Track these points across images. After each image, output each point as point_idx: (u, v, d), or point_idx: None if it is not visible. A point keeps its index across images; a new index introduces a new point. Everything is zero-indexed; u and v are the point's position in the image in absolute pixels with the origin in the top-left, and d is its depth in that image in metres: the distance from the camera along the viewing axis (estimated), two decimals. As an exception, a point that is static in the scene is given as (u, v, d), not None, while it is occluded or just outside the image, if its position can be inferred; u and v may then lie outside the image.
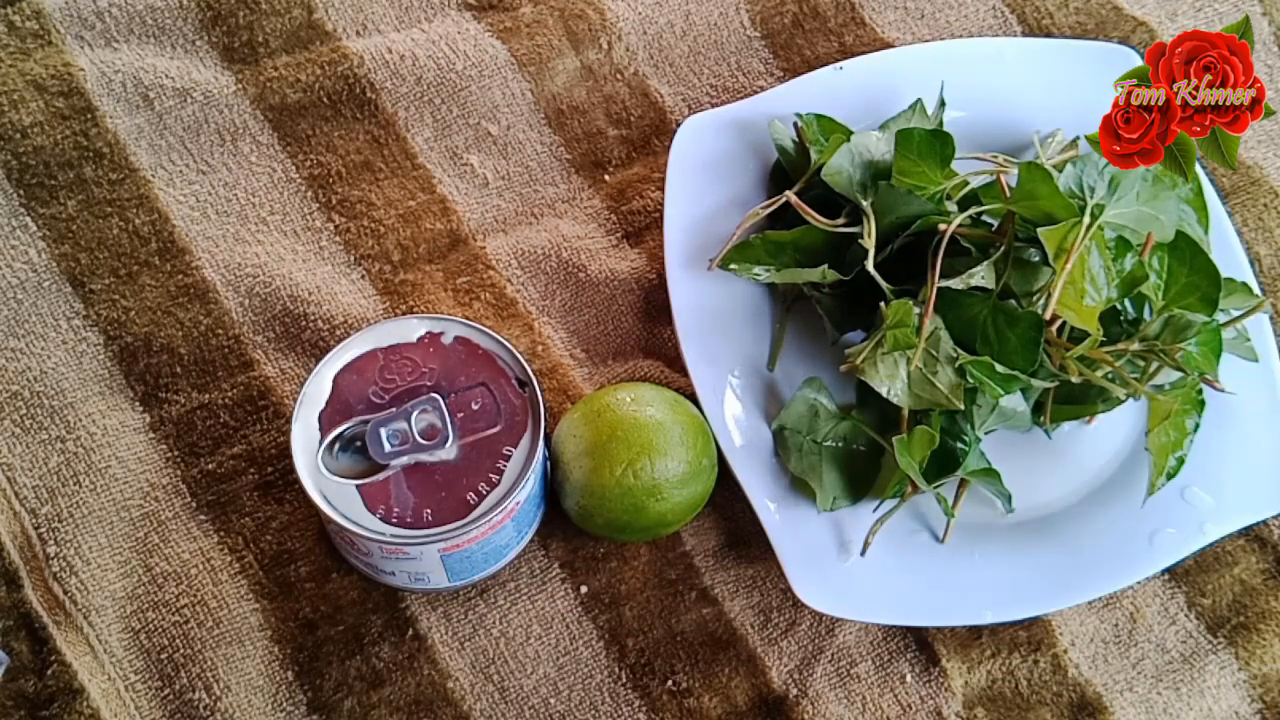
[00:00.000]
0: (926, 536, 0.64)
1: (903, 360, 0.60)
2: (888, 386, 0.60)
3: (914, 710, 0.63)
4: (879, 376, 0.60)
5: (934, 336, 0.60)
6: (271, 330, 0.68)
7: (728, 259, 0.66)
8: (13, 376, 0.65)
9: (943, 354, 0.60)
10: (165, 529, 0.63)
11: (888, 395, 0.60)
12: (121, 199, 0.70)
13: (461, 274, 0.70)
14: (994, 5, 0.79)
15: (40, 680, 0.59)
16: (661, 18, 0.77)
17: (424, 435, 0.57)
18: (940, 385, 0.60)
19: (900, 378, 0.60)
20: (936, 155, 0.62)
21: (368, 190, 0.72)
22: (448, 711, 0.61)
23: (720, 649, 0.63)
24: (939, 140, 0.62)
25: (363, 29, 0.75)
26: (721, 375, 0.65)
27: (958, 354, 0.60)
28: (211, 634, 0.61)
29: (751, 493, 0.62)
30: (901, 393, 0.60)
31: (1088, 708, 0.63)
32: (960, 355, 0.60)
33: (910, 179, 0.62)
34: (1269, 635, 0.65)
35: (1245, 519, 0.65)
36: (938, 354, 0.60)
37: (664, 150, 0.73)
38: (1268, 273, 0.73)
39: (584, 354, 0.69)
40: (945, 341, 0.60)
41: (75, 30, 0.73)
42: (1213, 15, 0.81)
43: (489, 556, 0.60)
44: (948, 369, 0.60)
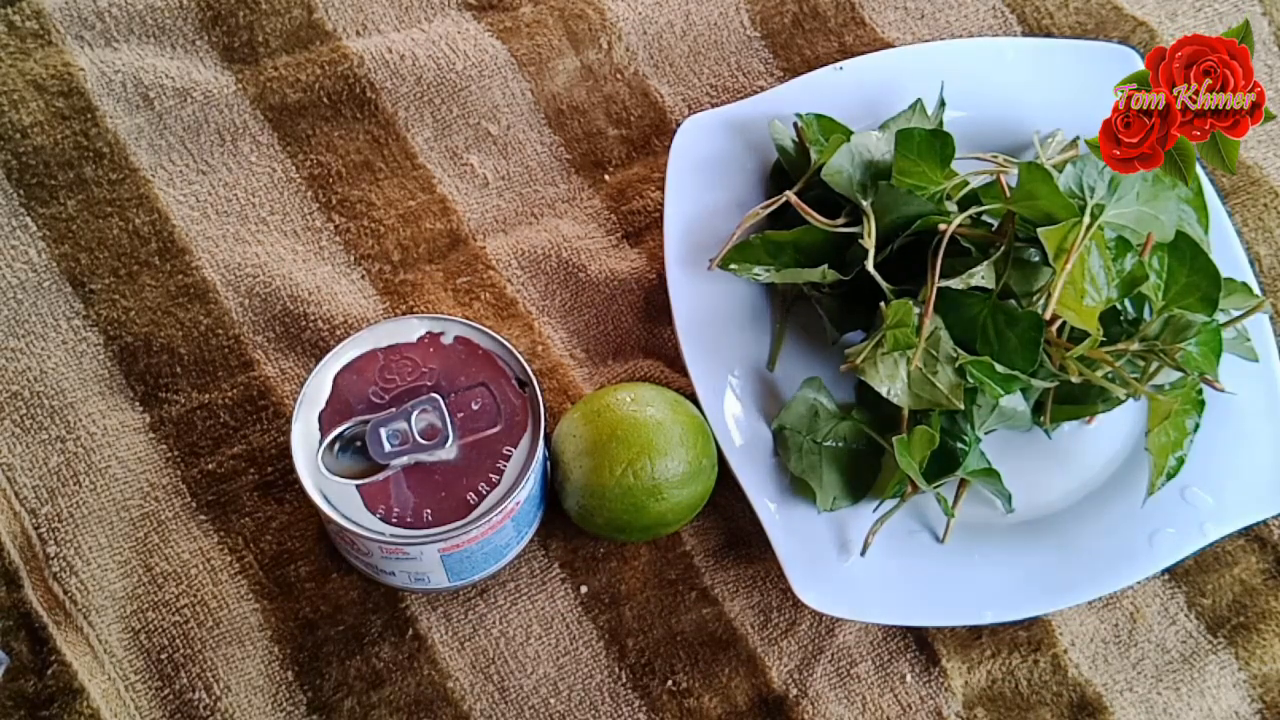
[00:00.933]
0: (926, 536, 0.64)
1: (902, 360, 0.60)
2: (888, 386, 0.60)
3: (914, 710, 0.63)
4: (879, 376, 0.60)
5: (934, 336, 0.60)
6: (271, 330, 0.68)
7: (727, 259, 0.65)
8: (13, 376, 0.65)
9: (942, 354, 0.60)
10: (165, 529, 0.63)
11: (887, 395, 0.60)
12: (121, 199, 0.70)
13: (461, 274, 0.70)
14: (994, 5, 0.79)
15: (40, 680, 0.59)
16: (661, 18, 0.77)
17: (424, 435, 0.57)
18: (940, 385, 0.60)
19: (900, 378, 0.60)
20: (936, 155, 0.62)
21: (368, 190, 0.72)
22: (448, 711, 0.61)
23: (720, 649, 0.63)
24: (939, 140, 0.62)
25: (363, 29, 0.75)
26: (721, 375, 0.65)
27: (958, 354, 0.60)
28: (211, 634, 0.61)
29: (751, 493, 0.62)
30: (901, 393, 0.60)
31: (1088, 708, 0.64)
32: (960, 355, 0.60)
33: (910, 179, 0.62)
34: (1269, 635, 0.65)
35: (1245, 519, 0.65)
36: (937, 354, 0.60)
37: (664, 150, 0.73)
38: (1268, 273, 0.74)
39: (584, 354, 0.69)
40: (945, 341, 0.60)
41: (75, 30, 0.73)
42: (1212, 15, 0.81)
43: (489, 556, 0.60)
44: (948, 369, 0.60)
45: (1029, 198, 0.60)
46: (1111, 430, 0.67)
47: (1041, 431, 0.66)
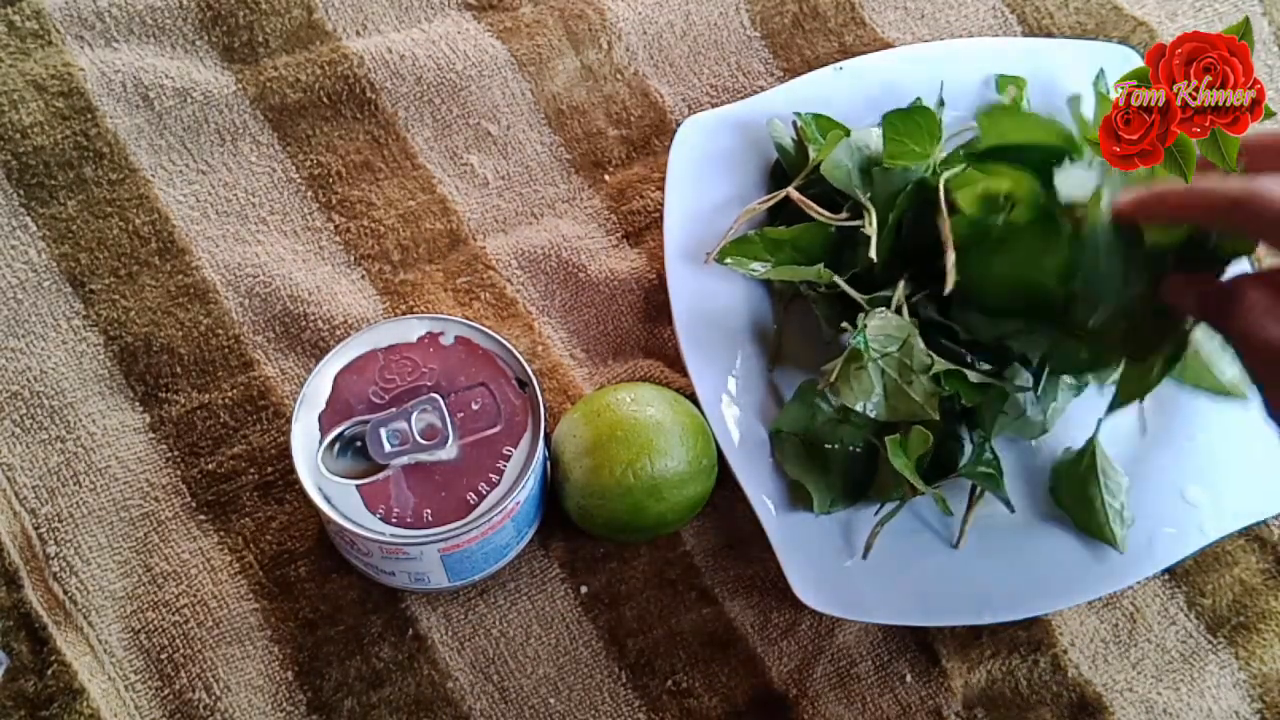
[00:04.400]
0: (926, 536, 0.64)
1: (877, 373, 0.60)
2: (863, 402, 0.60)
3: (914, 710, 0.63)
4: (853, 394, 0.60)
5: (907, 346, 0.60)
6: (271, 330, 0.68)
7: (725, 252, 0.66)
8: (13, 376, 0.65)
9: (916, 364, 0.60)
10: (165, 529, 0.63)
11: (865, 411, 0.60)
12: (121, 199, 0.70)
13: (461, 274, 0.70)
14: (994, 5, 0.79)
15: (40, 680, 0.59)
16: (661, 18, 0.77)
17: (424, 435, 0.57)
18: (915, 396, 0.60)
19: (876, 392, 0.60)
20: (921, 130, 0.63)
21: (368, 190, 0.72)
22: (448, 711, 0.61)
23: (720, 649, 0.63)
24: (919, 115, 0.63)
25: (363, 29, 0.75)
26: (721, 375, 0.65)
27: (932, 359, 0.60)
28: (211, 634, 0.61)
29: (751, 493, 0.62)
30: (878, 406, 0.60)
31: (1088, 708, 0.63)
32: (936, 362, 0.60)
33: (902, 160, 0.63)
34: (1269, 635, 0.65)
35: (1245, 519, 0.65)
36: (912, 363, 0.60)
37: (664, 150, 0.73)
38: (1268, 273, 0.73)
39: (584, 354, 0.69)
40: (919, 351, 0.60)
41: (75, 30, 0.73)
42: (1212, 15, 0.81)
43: (489, 556, 0.60)
44: (921, 379, 0.60)
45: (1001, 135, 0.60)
46: (1112, 430, 0.67)
47: (1045, 433, 0.66)
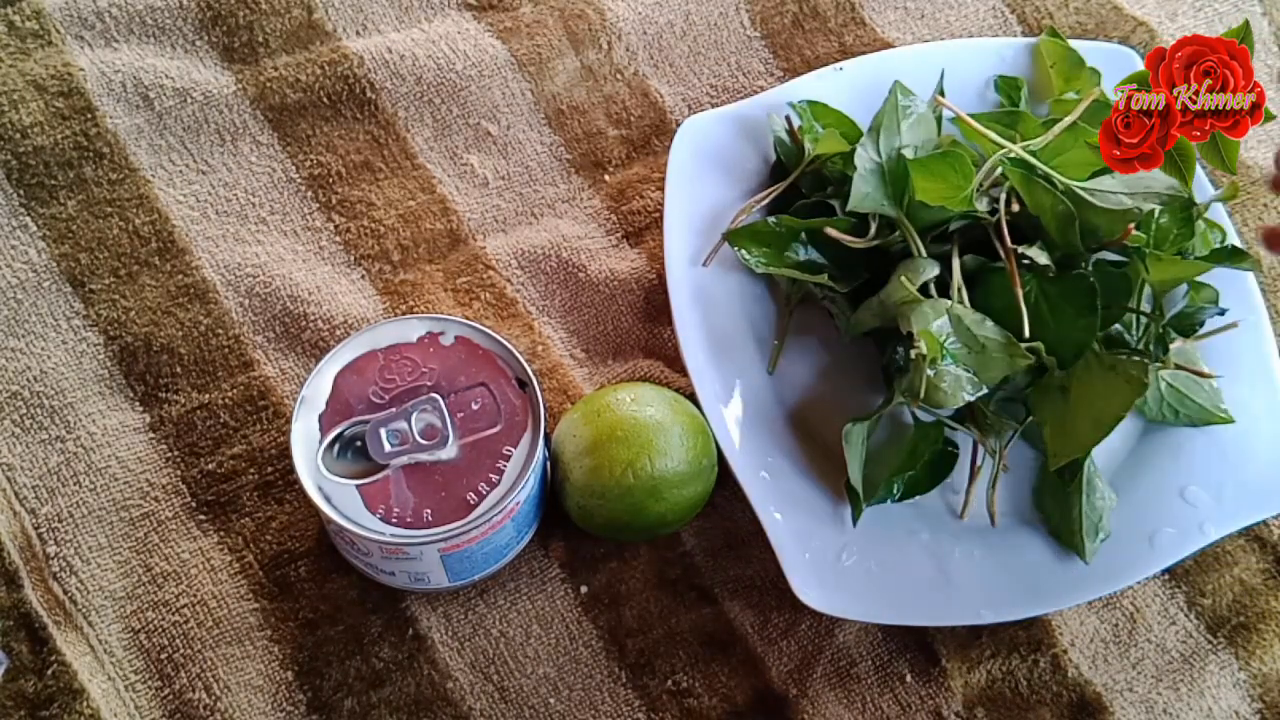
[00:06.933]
0: (927, 536, 0.64)
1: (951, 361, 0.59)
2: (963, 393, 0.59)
3: (914, 710, 0.63)
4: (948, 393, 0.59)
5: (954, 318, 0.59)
6: (271, 330, 0.68)
7: (735, 238, 0.65)
8: (13, 376, 0.65)
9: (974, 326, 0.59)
10: (165, 529, 0.63)
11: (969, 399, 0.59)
12: (121, 199, 0.70)
13: (461, 274, 0.70)
14: (994, 5, 0.79)
15: (40, 680, 0.59)
16: (661, 18, 0.77)
17: (424, 435, 0.57)
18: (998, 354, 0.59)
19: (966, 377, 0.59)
20: (954, 171, 0.61)
21: (368, 190, 0.72)
22: (448, 711, 0.61)
23: (720, 649, 0.63)
24: (951, 160, 0.60)
25: (363, 29, 0.75)
26: (721, 375, 0.65)
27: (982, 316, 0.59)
28: (211, 634, 0.61)
29: (751, 493, 0.62)
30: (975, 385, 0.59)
31: (1088, 708, 0.63)
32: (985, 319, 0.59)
33: (936, 199, 0.61)
34: (1269, 635, 0.65)
35: (1245, 519, 0.65)
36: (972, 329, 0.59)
37: (664, 150, 0.73)
38: (1267, 273, 0.74)
39: (584, 354, 0.69)
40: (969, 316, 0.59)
41: (75, 30, 0.73)
42: (1212, 15, 0.81)
43: (489, 556, 0.60)
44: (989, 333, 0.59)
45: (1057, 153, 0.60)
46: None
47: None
